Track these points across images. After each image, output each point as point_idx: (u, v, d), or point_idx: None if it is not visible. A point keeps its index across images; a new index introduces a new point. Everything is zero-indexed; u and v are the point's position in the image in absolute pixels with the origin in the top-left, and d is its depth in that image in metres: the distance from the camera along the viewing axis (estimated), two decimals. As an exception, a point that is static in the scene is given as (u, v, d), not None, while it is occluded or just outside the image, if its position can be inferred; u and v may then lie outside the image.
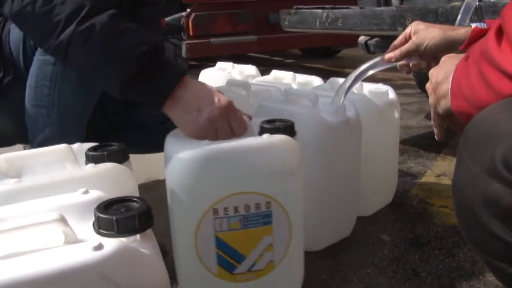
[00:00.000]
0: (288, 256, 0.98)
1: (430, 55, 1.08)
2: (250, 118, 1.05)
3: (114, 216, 0.59)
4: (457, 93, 0.74)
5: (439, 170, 1.88)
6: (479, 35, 0.75)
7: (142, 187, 0.91)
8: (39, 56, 1.10)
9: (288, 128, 0.99)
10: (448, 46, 1.03)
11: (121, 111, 1.39)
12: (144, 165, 1.71)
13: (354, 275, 1.19)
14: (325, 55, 5.64)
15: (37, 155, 0.84)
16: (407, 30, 1.12)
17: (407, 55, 1.11)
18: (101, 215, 0.60)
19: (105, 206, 0.62)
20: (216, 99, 0.98)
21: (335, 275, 1.19)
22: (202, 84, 1.02)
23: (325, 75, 1.11)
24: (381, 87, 1.47)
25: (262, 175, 0.91)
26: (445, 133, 0.91)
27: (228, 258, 0.94)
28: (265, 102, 1.29)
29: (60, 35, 0.96)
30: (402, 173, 1.79)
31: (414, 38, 1.08)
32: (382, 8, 1.77)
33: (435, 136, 0.93)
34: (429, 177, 1.81)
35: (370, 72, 1.17)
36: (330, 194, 1.25)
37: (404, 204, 1.58)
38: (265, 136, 0.94)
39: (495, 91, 0.64)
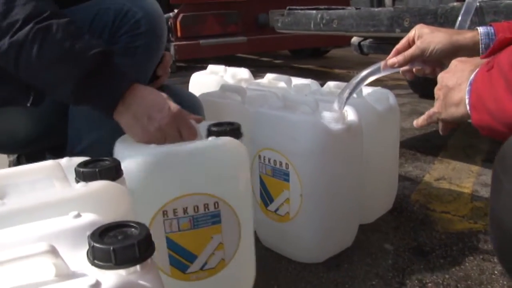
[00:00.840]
0: (238, 254, 1.00)
1: (436, 60, 1.03)
2: (199, 121, 1.05)
3: (110, 245, 0.53)
4: (478, 106, 0.69)
5: (438, 173, 1.84)
6: (504, 43, 0.69)
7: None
8: None
9: (234, 131, 1.00)
10: (455, 51, 0.98)
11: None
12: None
13: (358, 287, 1.14)
14: (314, 56, 5.61)
15: (22, 173, 0.78)
16: (411, 34, 1.06)
17: (411, 60, 1.05)
18: (96, 245, 0.53)
19: (100, 234, 0.56)
20: (166, 107, 0.98)
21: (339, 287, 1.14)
22: (153, 91, 1.02)
23: (315, 75, 1.07)
24: (381, 91, 1.42)
25: (209, 176, 0.93)
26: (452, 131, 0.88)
27: (180, 258, 0.96)
28: (262, 109, 1.24)
29: (16, 33, 0.95)
30: (401, 178, 1.75)
31: (418, 43, 1.02)
32: (380, 9, 1.72)
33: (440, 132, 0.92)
34: (428, 181, 1.77)
35: (372, 78, 1.12)
36: (332, 203, 1.21)
37: (405, 211, 1.54)
38: (211, 138, 0.96)
39: None
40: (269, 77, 1.66)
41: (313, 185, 1.16)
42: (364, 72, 1.12)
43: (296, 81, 1.61)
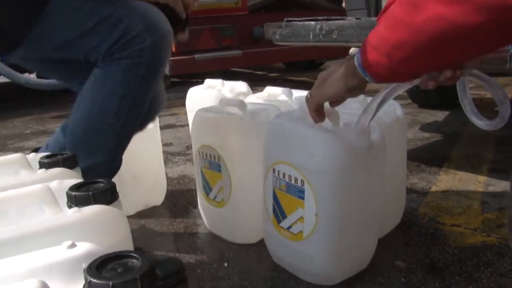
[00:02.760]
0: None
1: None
2: None
3: (110, 280, 0.47)
4: (368, 49, 0.80)
5: (444, 185, 1.79)
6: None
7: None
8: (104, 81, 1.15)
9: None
10: None
11: None
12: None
13: (373, 310, 1.08)
14: (308, 68, 5.59)
15: (10, 198, 0.71)
16: None
17: None
18: (94, 280, 0.47)
19: (98, 266, 0.50)
20: None
21: (352, 312, 1.08)
22: None
23: (311, 87, 0.99)
24: (387, 102, 1.37)
25: None
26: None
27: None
28: (279, 119, 1.18)
29: None
30: (407, 190, 1.68)
31: None
32: (380, 17, 1.67)
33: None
34: (435, 194, 1.72)
35: (400, 91, 0.99)
36: (349, 224, 1.12)
37: (414, 225, 1.48)
38: None
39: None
40: (269, 90, 1.61)
41: (330, 206, 1.08)
42: (393, 84, 0.99)
43: (297, 93, 1.56)
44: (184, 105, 1.97)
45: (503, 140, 2.28)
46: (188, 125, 2.15)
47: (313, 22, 1.78)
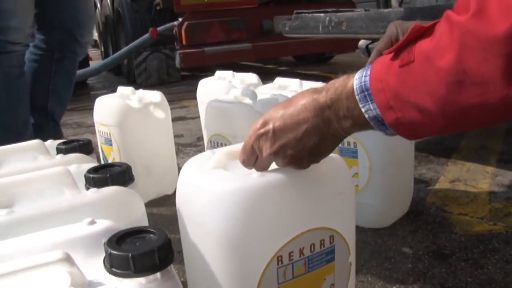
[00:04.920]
0: None
1: None
2: None
3: (129, 252, 0.50)
4: (398, 105, 0.59)
5: (452, 175, 1.80)
6: (418, 33, 0.59)
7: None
8: None
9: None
10: None
11: None
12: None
13: (379, 294, 1.11)
14: (318, 61, 5.59)
15: (31, 180, 0.75)
16: (392, 32, 0.89)
17: None
18: (114, 252, 0.51)
19: (117, 240, 0.53)
20: None
21: (359, 295, 1.11)
22: None
23: (321, 81, 1.00)
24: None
25: (323, 207, 0.75)
26: None
27: None
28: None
29: None
30: (415, 180, 1.71)
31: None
32: (389, 9, 1.70)
33: None
34: (443, 184, 1.73)
35: None
36: (395, 175, 1.37)
37: (421, 213, 1.50)
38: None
39: None
40: (279, 81, 1.63)
41: (380, 159, 1.32)
42: None
43: (307, 84, 1.58)
44: (194, 98, 2.00)
45: (511, 132, 2.29)
46: (198, 117, 2.18)
47: (322, 14, 1.80)
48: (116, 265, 0.50)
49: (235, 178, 0.70)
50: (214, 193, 0.68)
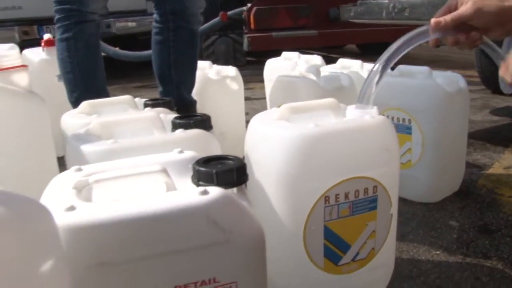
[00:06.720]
0: (387, 242, 0.96)
1: (482, 27, 0.92)
2: None
3: (213, 169, 0.63)
4: None
5: (507, 162, 1.84)
6: None
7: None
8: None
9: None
10: (507, 18, 0.89)
11: None
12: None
13: (423, 255, 1.20)
14: (382, 52, 5.56)
15: (125, 121, 0.90)
16: (451, 2, 0.95)
17: (459, 22, 0.91)
18: (201, 168, 0.64)
19: (204, 162, 0.67)
20: None
21: (403, 255, 1.20)
22: None
23: None
24: (450, 74, 1.46)
25: (369, 159, 0.88)
26: None
27: (335, 249, 0.91)
28: (390, 77, 1.46)
29: None
30: (469, 165, 1.77)
31: (469, 4, 0.90)
32: (453, -4, 1.74)
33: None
34: (496, 169, 1.78)
35: (418, 42, 0.99)
36: (447, 151, 1.46)
37: (472, 193, 1.56)
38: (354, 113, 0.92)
39: None
40: (342, 61, 1.73)
41: (433, 136, 1.42)
42: (410, 34, 0.99)
43: (368, 66, 1.67)
44: (259, 81, 2.12)
45: None
46: (263, 98, 2.31)
47: (386, 0, 1.87)
48: (203, 179, 0.64)
49: (295, 127, 0.86)
50: (277, 139, 0.85)
